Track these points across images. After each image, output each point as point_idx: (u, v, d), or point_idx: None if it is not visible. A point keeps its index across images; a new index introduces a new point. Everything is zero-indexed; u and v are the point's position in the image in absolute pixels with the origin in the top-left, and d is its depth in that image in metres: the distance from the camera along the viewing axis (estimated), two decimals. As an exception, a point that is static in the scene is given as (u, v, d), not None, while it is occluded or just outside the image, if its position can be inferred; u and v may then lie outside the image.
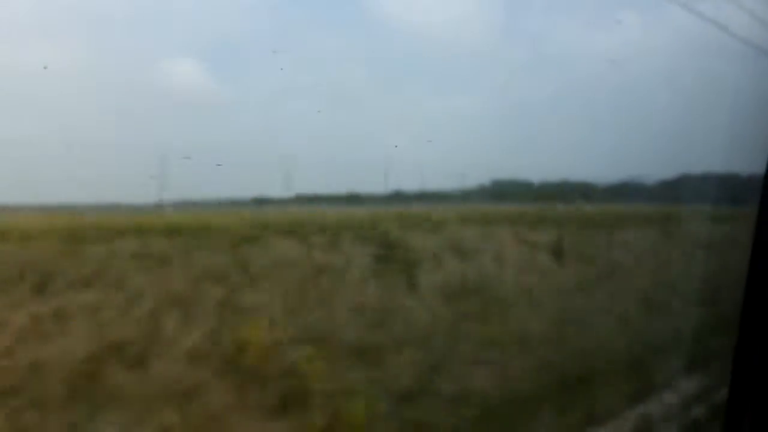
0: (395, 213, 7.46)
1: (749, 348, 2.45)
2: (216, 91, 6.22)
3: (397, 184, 6.71)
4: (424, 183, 6.87)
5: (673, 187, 7.82)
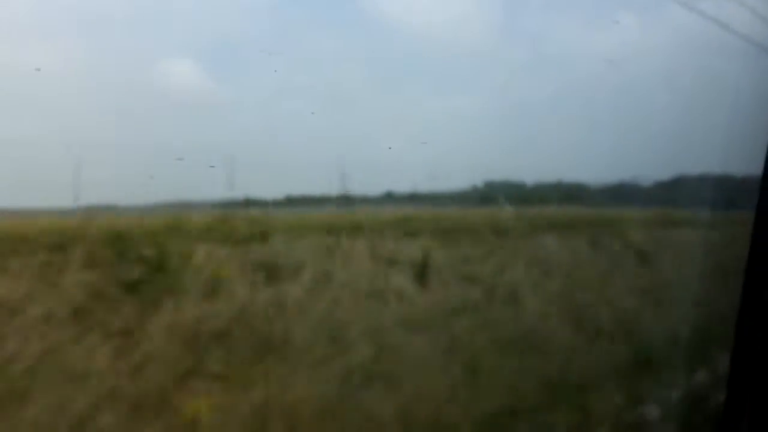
0: (245, 217, 5.48)
1: (747, 351, 2.44)
2: (214, 91, 6.21)
3: (385, 185, 6.64)
4: (414, 185, 6.77)
5: (668, 188, 7.82)
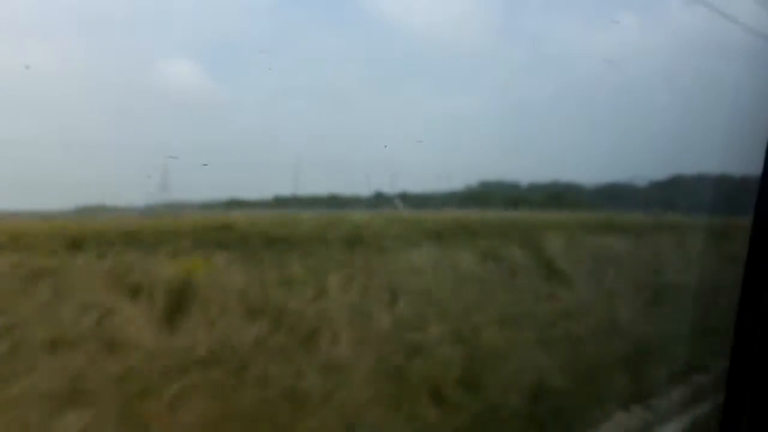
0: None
1: (745, 353, 2.44)
2: (214, 91, 6.19)
3: (379, 186, 6.58)
4: (406, 185, 6.69)
5: (665, 188, 7.83)
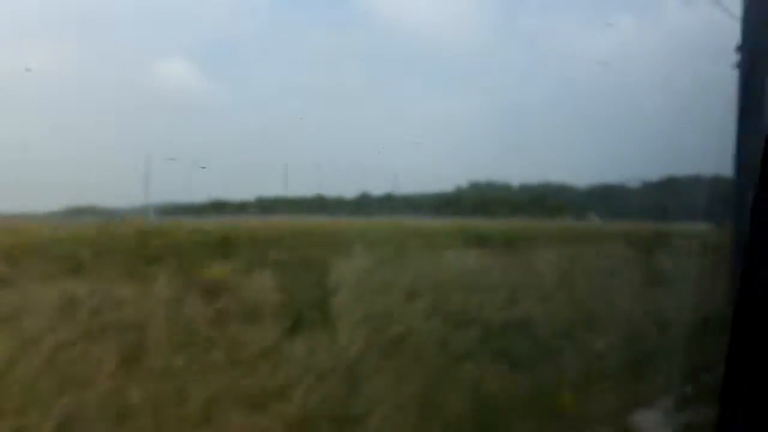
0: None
1: (741, 356, 2.42)
2: (213, 92, 6.14)
3: (367, 187, 6.53)
4: (395, 186, 6.62)
5: (657, 189, 7.84)
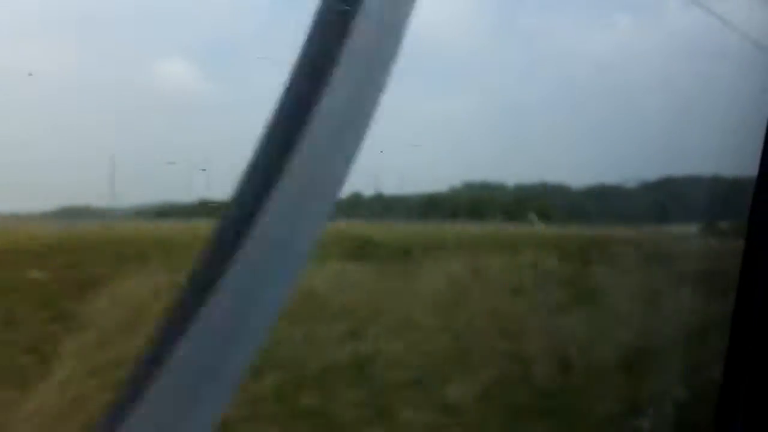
0: None
1: (740, 356, 2.44)
2: (213, 92, 6.17)
3: (355, 188, 6.47)
4: (377, 187, 6.56)
5: (655, 190, 7.85)
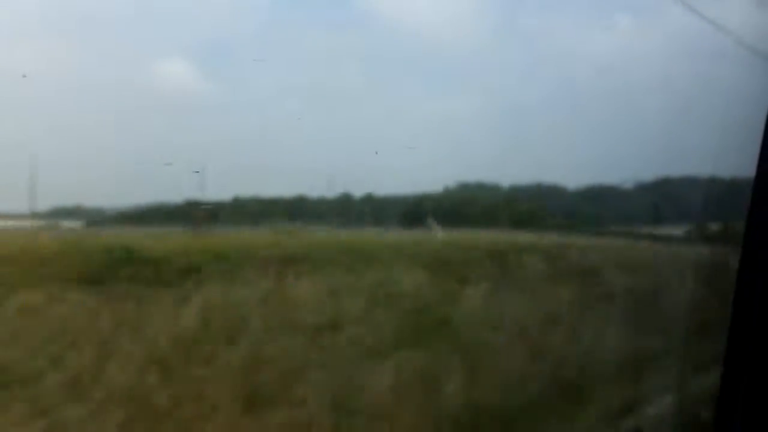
0: None
1: (739, 357, 2.43)
2: (211, 92, 6.13)
3: (369, 189, 6.44)
4: (372, 187, 6.50)
5: (651, 190, 7.84)
